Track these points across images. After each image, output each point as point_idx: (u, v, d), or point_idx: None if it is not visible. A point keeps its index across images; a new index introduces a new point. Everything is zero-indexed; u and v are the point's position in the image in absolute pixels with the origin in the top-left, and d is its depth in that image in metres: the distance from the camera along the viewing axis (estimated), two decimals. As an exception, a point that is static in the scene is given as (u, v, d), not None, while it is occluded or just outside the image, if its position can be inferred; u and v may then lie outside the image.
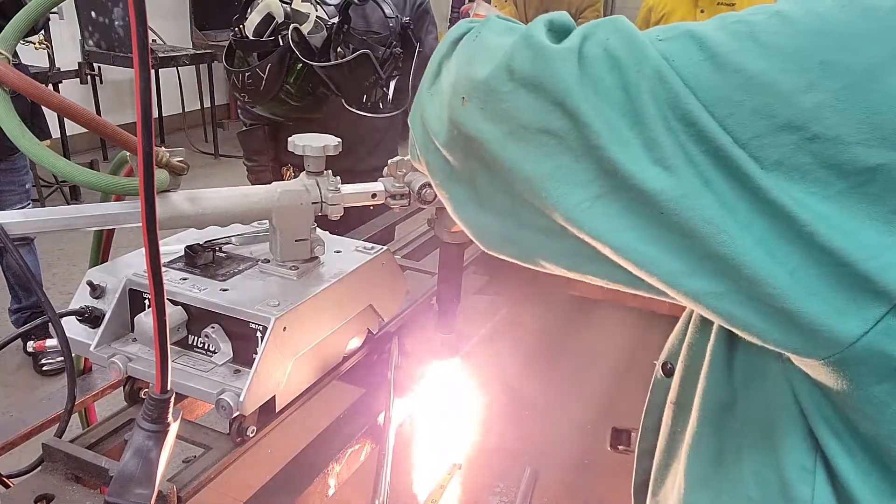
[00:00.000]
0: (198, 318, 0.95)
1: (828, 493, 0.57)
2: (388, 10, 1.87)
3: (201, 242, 1.04)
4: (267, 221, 1.02)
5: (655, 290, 0.56)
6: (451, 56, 0.67)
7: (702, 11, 3.47)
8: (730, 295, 0.51)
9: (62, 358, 0.88)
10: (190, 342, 0.96)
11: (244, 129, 2.35)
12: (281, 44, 1.64)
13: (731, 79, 0.48)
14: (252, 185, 2.25)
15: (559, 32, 0.58)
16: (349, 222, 1.79)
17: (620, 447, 1.30)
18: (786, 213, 0.47)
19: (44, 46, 4.52)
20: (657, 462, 0.81)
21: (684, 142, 0.49)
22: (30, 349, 1.16)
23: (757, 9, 0.52)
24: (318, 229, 1.07)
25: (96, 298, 0.99)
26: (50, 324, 0.89)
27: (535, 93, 0.54)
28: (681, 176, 0.49)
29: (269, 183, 1.00)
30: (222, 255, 1.07)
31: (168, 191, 0.90)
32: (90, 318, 0.97)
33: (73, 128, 5.23)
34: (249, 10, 1.71)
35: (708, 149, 0.49)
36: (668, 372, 0.80)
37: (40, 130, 3.24)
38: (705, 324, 0.71)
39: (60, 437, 0.93)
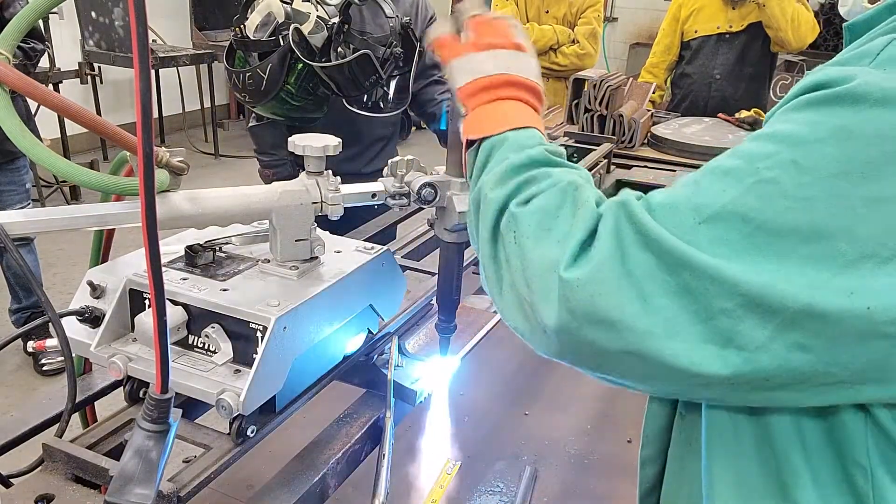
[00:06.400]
0: (198, 318, 0.95)
1: None
2: (388, 10, 1.87)
3: (201, 242, 1.04)
4: (267, 221, 1.02)
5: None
6: (503, 253, 0.69)
7: (733, 9, 3.46)
8: (846, 402, 0.57)
9: (62, 358, 0.89)
10: (190, 342, 0.96)
11: (257, 123, 2.30)
12: (281, 44, 1.64)
13: (789, 238, 0.52)
14: (268, 181, 2.25)
15: (590, 236, 0.61)
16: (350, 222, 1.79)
17: None
18: (885, 334, 0.51)
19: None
20: (670, 470, 0.81)
21: (758, 323, 0.52)
22: (30, 349, 1.16)
23: (767, 160, 0.55)
24: (318, 229, 1.07)
25: (96, 298, 0.99)
26: (50, 324, 0.89)
27: (601, 325, 0.57)
28: (767, 352, 0.53)
29: (289, 177, 0.99)
30: (222, 255, 1.07)
31: (168, 191, 0.90)
32: (90, 318, 0.97)
33: (73, 128, 5.23)
34: (250, 10, 1.71)
35: (784, 319, 0.52)
36: None
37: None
38: None
39: (60, 437, 0.93)
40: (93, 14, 5.47)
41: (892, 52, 0.55)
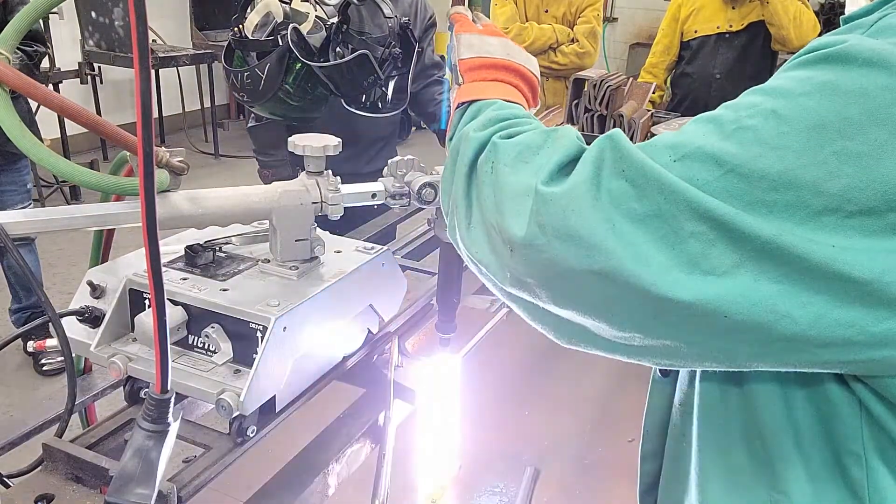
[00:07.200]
0: (198, 318, 0.95)
1: None
2: (386, 11, 1.86)
3: (201, 242, 1.04)
4: (267, 221, 1.02)
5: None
6: (476, 188, 0.69)
7: (733, 8, 3.46)
8: (807, 365, 0.57)
9: (62, 358, 0.88)
10: (190, 342, 0.96)
11: (256, 123, 2.31)
12: (280, 44, 1.64)
13: (758, 184, 0.53)
14: (268, 181, 2.27)
15: (571, 162, 0.62)
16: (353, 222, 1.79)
17: None
18: (849, 278, 0.51)
19: (44, 46, 4.51)
20: (666, 465, 0.81)
21: (728, 248, 0.53)
22: (30, 349, 1.16)
23: (750, 109, 0.56)
24: (318, 229, 1.07)
25: (96, 298, 0.99)
26: (50, 324, 0.89)
27: (570, 241, 0.57)
28: (734, 278, 0.53)
29: (289, 177, 0.99)
30: (222, 255, 1.07)
31: (168, 191, 0.90)
32: (90, 318, 0.97)
33: (73, 128, 5.22)
34: (248, 10, 1.71)
35: (754, 247, 0.52)
36: (665, 372, 0.80)
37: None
38: None
39: (60, 437, 0.93)
40: (93, 14, 5.47)
41: (886, 22, 0.56)
